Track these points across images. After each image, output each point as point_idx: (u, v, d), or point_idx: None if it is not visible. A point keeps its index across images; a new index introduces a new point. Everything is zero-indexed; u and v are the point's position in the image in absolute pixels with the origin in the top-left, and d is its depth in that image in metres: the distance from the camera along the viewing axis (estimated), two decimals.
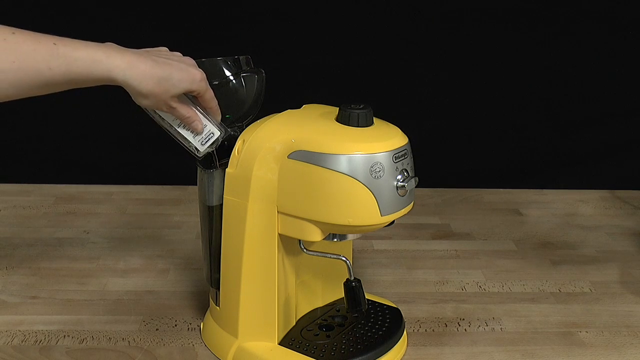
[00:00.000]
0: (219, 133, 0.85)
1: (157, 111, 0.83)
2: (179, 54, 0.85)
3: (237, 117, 0.89)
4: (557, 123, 1.55)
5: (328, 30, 1.47)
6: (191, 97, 0.84)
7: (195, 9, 1.44)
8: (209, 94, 0.83)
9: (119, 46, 0.79)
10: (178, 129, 0.84)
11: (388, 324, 0.94)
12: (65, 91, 0.80)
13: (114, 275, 1.13)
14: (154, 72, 0.78)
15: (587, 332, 1.00)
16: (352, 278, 0.87)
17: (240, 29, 1.45)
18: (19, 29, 0.75)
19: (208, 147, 0.85)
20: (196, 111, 0.84)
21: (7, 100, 0.76)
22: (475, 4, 1.45)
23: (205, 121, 0.84)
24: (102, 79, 0.77)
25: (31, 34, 0.75)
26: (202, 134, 0.85)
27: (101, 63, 0.76)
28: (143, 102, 0.80)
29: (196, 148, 0.85)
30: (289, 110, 0.87)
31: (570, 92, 1.53)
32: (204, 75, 0.82)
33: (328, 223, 0.80)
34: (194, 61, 0.84)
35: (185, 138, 0.85)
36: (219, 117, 0.86)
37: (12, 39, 0.74)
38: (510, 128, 1.55)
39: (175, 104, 0.81)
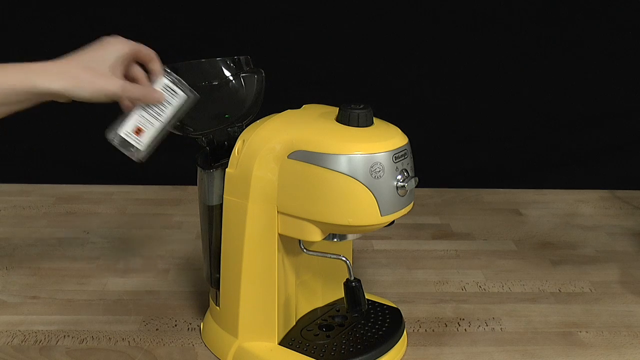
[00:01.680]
0: (170, 79, 0.82)
1: (129, 136, 0.82)
2: None
3: (237, 117, 0.89)
4: (557, 123, 1.55)
5: (328, 30, 1.47)
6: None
7: (196, 9, 1.44)
8: (142, 46, 0.82)
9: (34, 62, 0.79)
10: (155, 116, 0.82)
11: (388, 324, 0.94)
12: None
13: (114, 275, 1.13)
14: (71, 64, 0.78)
15: (587, 332, 1.00)
16: (352, 278, 0.87)
17: (240, 29, 1.45)
18: None
19: (182, 101, 0.82)
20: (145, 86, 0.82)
21: None
22: (475, 4, 1.45)
23: (156, 86, 0.82)
24: (36, 93, 0.77)
25: None
26: (168, 101, 0.82)
27: (23, 79, 0.77)
28: (83, 94, 0.78)
29: (177, 117, 0.83)
30: (289, 110, 0.87)
31: (570, 92, 1.53)
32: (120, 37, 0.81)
33: (328, 223, 0.80)
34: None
35: (166, 116, 0.82)
36: (159, 64, 0.83)
37: None
38: (510, 128, 1.55)
39: (124, 83, 0.79)
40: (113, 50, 0.80)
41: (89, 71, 0.78)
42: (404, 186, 0.79)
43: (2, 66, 0.78)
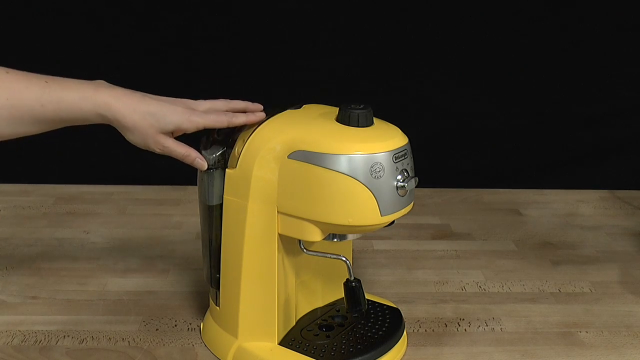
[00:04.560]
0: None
1: None
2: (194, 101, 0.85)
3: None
4: (557, 123, 1.55)
5: (328, 30, 1.47)
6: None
7: (196, 9, 1.43)
8: (204, 124, 0.83)
9: (109, 84, 0.81)
10: None
11: (388, 324, 0.94)
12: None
13: (114, 275, 1.13)
14: (140, 106, 0.79)
15: (587, 332, 1.00)
16: (352, 278, 0.87)
17: (240, 28, 1.45)
18: (12, 69, 0.78)
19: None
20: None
21: (2, 139, 0.79)
22: (475, 4, 1.45)
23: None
24: (92, 115, 0.79)
25: (24, 73, 0.79)
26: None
27: (89, 99, 0.78)
28: (131, 138, 0.81)
29: None
30: (289, 110, 0.87)
31: (570, 92, 1.53)
32: (199, 113, 0.82)
33: (328, 223, 0.80)
34: (201, 103, 0.84)
35: None
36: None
37: (5, 78, 0.77)
38: (510, 128, 1.55)
39: (167, 143, 0.81)
40: (175, 116, 0.81)
41: (148, 120, 0.80)
42: (404, 186, 0.79)
43: (86, 85, 0.80)
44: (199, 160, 0.84)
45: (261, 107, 0.88)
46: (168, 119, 0.80)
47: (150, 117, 0.79)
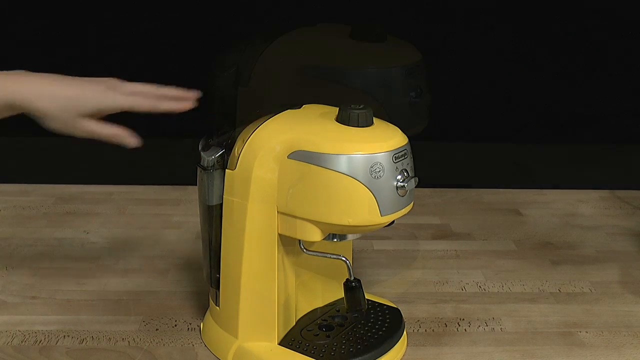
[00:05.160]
0: None
1: None
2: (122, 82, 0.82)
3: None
4: (556, 123, 1.55)
5: None
6: None
7: (195, 8, 1.43)
8: (125, 104, 0.79)
9: (28, 72, 0.78)
10: None
11: (388, 324, 0.94)
12: None
13: (114, 275, 1.13)
14: (55, 91, 0.76)
15: (587, 332, 1.00)
16: (352, 278, 0.87)
17: (240, 28, 1.45)
18: None
19: None
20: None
21: None
22: (474, 3, 1.45)
23: None
24: (7, 103, 0.76)
25: None
26: None
27: (6, 88, 0.75)
28: (50, 125, 0.77)
29: None
30: (289, 110, 0.87)
31: (570, 92, 1.53)
32: (122, 92, 0.79)
33: (328, 223, 0.80)
34: (127, 85, 0.81)
35: None
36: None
37: None
38: (510, 128, 1.55)
39: (90, 126, 0.78)
40: (95, 98, 0.78)
41: (66, 106, 0.76)
42: (404, 186, 0.79)
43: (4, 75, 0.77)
44: (129, 138, 0.80)
45: (197, 95, 0.84)
46: (85, 100, 0.77)
47: (66, 101, 0.76)
